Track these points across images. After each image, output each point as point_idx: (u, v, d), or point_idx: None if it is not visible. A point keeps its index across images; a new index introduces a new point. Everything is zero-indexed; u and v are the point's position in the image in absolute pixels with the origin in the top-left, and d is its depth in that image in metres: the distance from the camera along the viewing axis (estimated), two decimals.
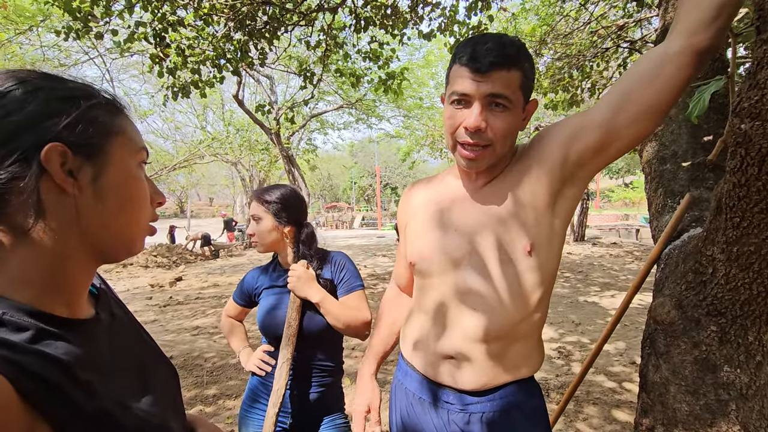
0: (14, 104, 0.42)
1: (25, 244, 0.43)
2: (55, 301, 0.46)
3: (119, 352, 0.52)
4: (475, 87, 0.77)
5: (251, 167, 15.81)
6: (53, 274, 0.45)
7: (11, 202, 0.42)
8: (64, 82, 0.47)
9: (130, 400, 0.48)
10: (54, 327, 0.44)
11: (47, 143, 0.42)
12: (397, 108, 13.36)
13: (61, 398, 0.40)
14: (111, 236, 0.49)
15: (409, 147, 15.37)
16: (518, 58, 0.78)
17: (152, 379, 0.55)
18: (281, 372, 1.19)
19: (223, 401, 2.96)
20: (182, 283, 8.23)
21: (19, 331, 0.41)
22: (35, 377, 0.39)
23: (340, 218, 28.80)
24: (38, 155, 0.42)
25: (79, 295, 0.50)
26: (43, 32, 6.79)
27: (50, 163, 0.43)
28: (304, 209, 1.36)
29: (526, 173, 0.85)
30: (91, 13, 3.48)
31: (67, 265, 0.47)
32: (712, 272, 0.89)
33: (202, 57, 4.30)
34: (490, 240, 0.85)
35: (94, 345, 0.48)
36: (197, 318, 5.37)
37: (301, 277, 1.23)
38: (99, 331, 0.51)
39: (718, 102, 1.29)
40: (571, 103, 5.48)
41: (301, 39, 5.48)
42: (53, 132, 0.43)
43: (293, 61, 8.33)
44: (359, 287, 1.31)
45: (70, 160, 0.44)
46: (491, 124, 0.79)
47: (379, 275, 8.36)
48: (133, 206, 0.51)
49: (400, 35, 4.56)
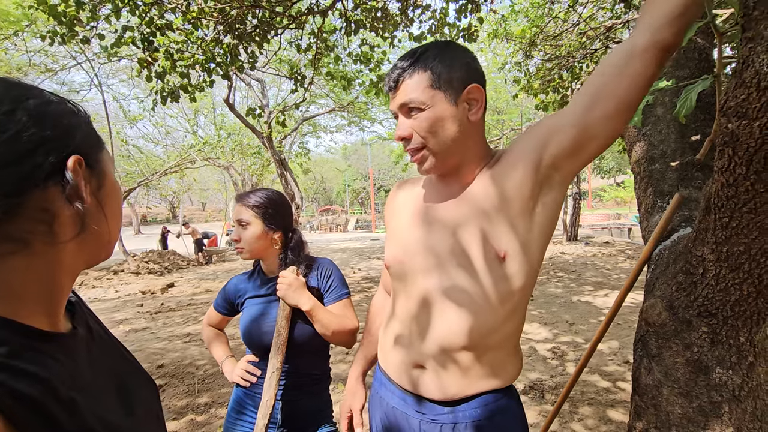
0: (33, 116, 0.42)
1: (19, 256, 0.41)
2: (36, 314, 0.44)
3: (99, 368, 0.50)
4: (392, 104, 0.85)
5: (243, 171, 15.71)
6: (42, 285, 0.44)
7: (21, 216, 0.41)
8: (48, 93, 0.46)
9: (113, 418, 0.46)
10: (34, 341, 0.41)
11: (68, 156, 0.43)
12: (389, 110, 13.33)
13: (42, 417, 0.38)
14: (103, 242, 0.50)
15: (402, 149, 15.38)
16: (420, 60, 0.81)
17: (134, 396, 0.53)
18: (270, 382, 1.16)
19: (215, 410, 2.91)
20: (174, 289, 8.14)
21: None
22: (15, 394, 0.36)
23: (334, 221, 28.73)
24: (62, 168, 0.43)
25: (61, 306, 0.48)
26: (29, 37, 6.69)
27: (75, 175, 0.44)
28: (291, 214, 1.33)
29: (501, 177, 0.82)
30: (76, 18, 3.43)
31: (59, 275, 0.46)
32: (703, 273, 0.88)
33: (192, 61, 4.27)
34: (460, 246, 0.82)
35: (74, 360, 0.46)
36: (189, 325, 5.30)
37: (291, 284, 1.20)
38: (78, 346, 0.49)
39: (705, 101, 1.29)
40: (562, 104, 5.51)
41: (291, 42, 5.46)
42: (71, 143, 0.44)
43: (284, 65, 8.29)
44: (346, 295, 1.29)
45: (84, 170, 0.46)
46: (415, 127, 0.82)
47: (373, 278, 8.33)
48: (119, 215, 0.53)
49: (391, 38, 4.56)
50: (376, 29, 4.51)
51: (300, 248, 1.31)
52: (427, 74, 0.80)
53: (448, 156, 0.83)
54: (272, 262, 1.30)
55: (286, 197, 1.34)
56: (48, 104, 0.44)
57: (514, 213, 0.80)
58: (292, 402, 1.24)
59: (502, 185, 0.81)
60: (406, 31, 4.53)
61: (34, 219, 0.41)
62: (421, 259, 0.86)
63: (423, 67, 0.81)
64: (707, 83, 0.96)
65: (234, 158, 14.44)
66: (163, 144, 14.83)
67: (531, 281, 0.83)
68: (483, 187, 0.84)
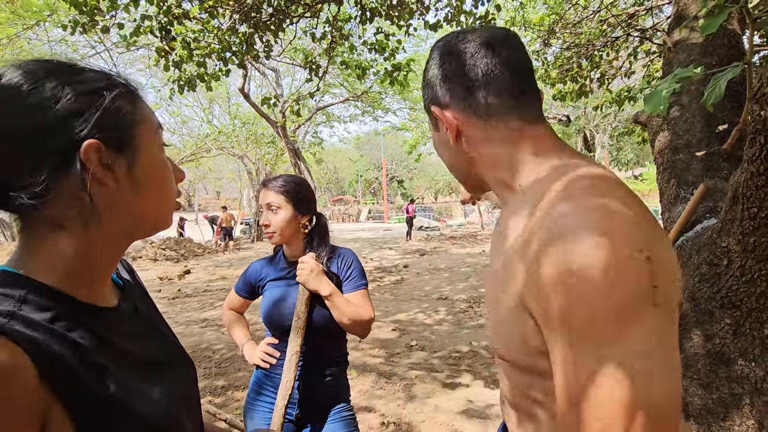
0: (44, 102, 0.42)
1: (59, 235, 0.45)
2: (79, 287, 0.47)
3: (137, 345, 0.53)
4: None
5: (257, 160, 15.84)
6: (81, 262, 0.47)
7: (50, 199, 0.43)
8: (83, 72, 0.47)
9: (143, 391, 0.49)
10: (74, 311, 0.45)
11: (83, 140, 0.43)
12: (403, 100, 13.27)
13: (74, 380, 0.41)
14: (144, 219, 0.51)
15: (415, 140, 15.31)
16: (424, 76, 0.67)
17: (168, 375, 0.55)
18: (290, 365, 1.19)
19: (232, 392, 2.99)
20: (190, 275, 8.32)
21: (40, 310, 0.42)
22: (53, 356, 0.40)
23: (346, 211, 28.84)
24: (76, 153, 0.43)
25: (103, 282, 0.51)
26: (50, 27, 6.81)
27: (89, 161, 0.44)
28: (315, 199, 1.36)
29: (516, 240, 0.52)
30: (97, 7, 3.48)
31: (96, 254, 0.48)
32: (727, 264, 0.87)
33: (208, 50, 4.30)
34: (492, 296, 0.58)
35: (111, 333, 0.49)
36: (205, 310, 5.42)
37: (313, 269, 1.22)
38: (118, 321, 0.52)
39: (734, 90, 1.25)
40: (580, 94, 5.40)
41: (306, 31, 5.44)
42: (86, 128, 0.44)
43: (299, 54, 8.29)
44: (363, 286, 1.30)
45: (104, 154, 0.45)
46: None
47: (386, 268, 8.37)
48: (163, 188, 0.53)
49: (406, 26, 4.50)
50: (392, 17, 4.46)
51: (325, 233, 1.33)
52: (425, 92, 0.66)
53: (466, 181, 0.68)
54: (297, 247, 1.32)
55: (309, 183, 1.36)
56: (68, 85, 0.44)
57: (509, 300, 0.52)
58: (310, 384, 1.27)
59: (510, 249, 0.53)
60: (422, 20, 4.47)
61: (63, 204, 0.44)
62: (487, 293, 0.65)
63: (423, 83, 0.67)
64: (738, 70, 0.93)
65: (248, 147, 14.57)
66: (180, 133, 15.03)
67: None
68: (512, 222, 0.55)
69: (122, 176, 0.47)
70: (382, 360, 3.47)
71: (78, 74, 0.46)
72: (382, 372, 3.20)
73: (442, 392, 2.86)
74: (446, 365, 3.33)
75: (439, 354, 3.57)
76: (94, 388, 0.43)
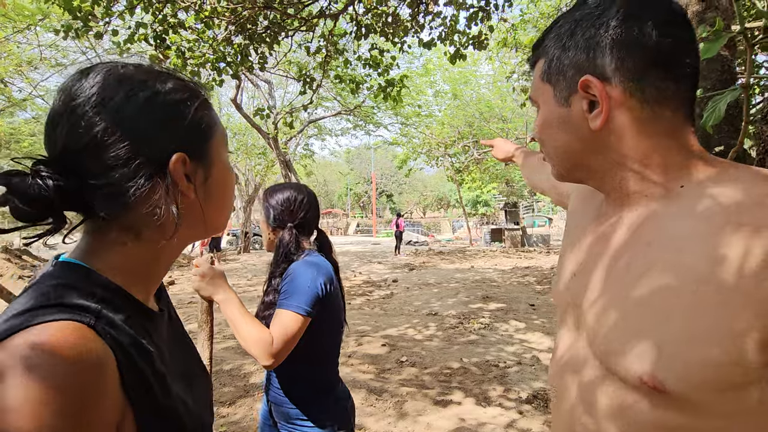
0: (137, 113, 0.42)
1: (134, 242, 0.45)
2: (140, 293, 0.46)
3: (176, 353, 0.52)
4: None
5: (247, 171, 15.74)
6: (147, 266, 0.47)
7: (130, 207, 0.43)
8: (170, 79, 0.46)
9: (184, 397, 0.48)
10: (139, 314, 0.45)
11: (173, 152, 0.44)
12: (395, 115, 13.41)
13: (144, 388, 0.41)
14: (208, 226, 0.51)
15: (406, 155, 15.42)
16: (540, 44, 0.57)
17: (195, 381, 0.55)
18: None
19: (217, 408, 2.89)
20: (175, 287, 8.12)
21: (117, 311, 0.41)
22: (131, 361, 0.40)
23: (335, 224, 28.74)
24: (164, 165, 0.43)
25: (155, 287, 0.51)
26: (42, 31, 6.74)
27: (176, 173, 0.44)
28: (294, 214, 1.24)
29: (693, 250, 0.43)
30: (91, 13, 3.45)
31: (161, 260, 0.48)
32: None
33: (202, 60, 4.29)
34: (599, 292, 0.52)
35: (160, 338, 0.48)
36: (190, 323, 5.28)
37: (205, 274, 1.09)
38: (163, 326, 0.51)
39: (728, 113, 1.29)
40: None
41: (301, 44, 5.49)
42: (174, 140, 0.45)
43: (293, 66, 8.34)
44: (290, 307, 1.05)
45: (188, 166, 0.45)
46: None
47: (374, 282, 8.31)
48: (227, 195, 0.53)
49: (401, 43, 4.58)
50: (386, 34, 4.53)
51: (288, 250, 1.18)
52: (541, 62, 0.56)
53: (570, 170, 0.57)
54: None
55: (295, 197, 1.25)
56: (157, 96, 0.44)
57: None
58: (277, 405, 1.19)
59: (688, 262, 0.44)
60: (416, 37, 4.55)
61: (143, 213, 0.44)
62: (571, 299, 0.58)
63: (539, 53, 0.57)
64: (737, 94, 0.96)
65: (238, 158, 14.47)
66: None
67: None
68: (652, 238, 0.48)
69: (199, 187, 0.47)
70: (372, 376, 3.41)
71: (166, 82, 0.46)
72: (372, 388, 3.13)
73: (434, 410, 2.80)
74: (437, 382, 3.28)
75: (429, 370, 3.52)
76: (158, 398, 0.42)
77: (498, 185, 21.50)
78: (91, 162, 0.41)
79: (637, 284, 0.46)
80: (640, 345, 0.44)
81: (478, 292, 6.88)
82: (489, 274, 9.14)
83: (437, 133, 14.29)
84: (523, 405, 2.86)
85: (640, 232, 0.49)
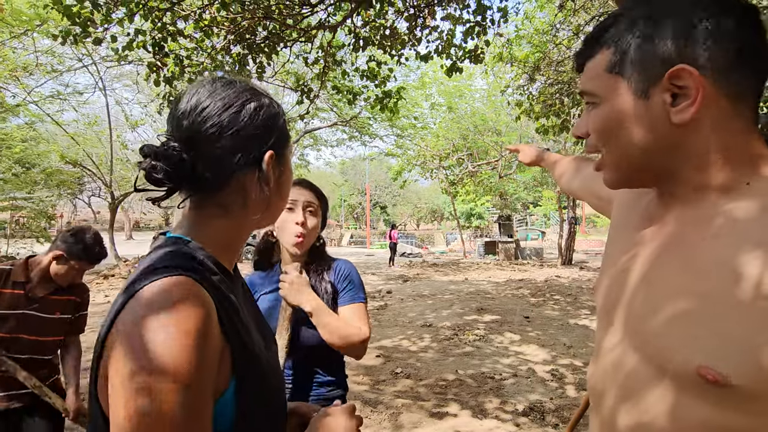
0: (248, 118, 0.56)
1: (224, 218, 0.57)
2: (227, 260, 0.59)
3: (250, 313, 0.63)
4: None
5: None
6: (232, 239, 0.60)
7: (228, 190, 0.56)
8: (267, 96, 0.60)
9: (261, 347, 0.58)
10: (227, 277, 0.57)
11: (266, 150, 0.57)
12: (390, 127, 13.51)
13: (235, 331, 0.51)
14: (272, 214, 0.63)
15: (401, 166, 15.49)
16: (603, 34, 0.54)
17: (268, 334, 0.66)
18: None
19: None
20: None
21: (212, 273, 0.53)
22: (225, 308, 0.51)
23: (328, 235, 28.63)
24: (260, 159, 0.57)
25: (235, 258, 0.63)
26: (39, 37, 6.72)
27: (267, 166, 0.57)
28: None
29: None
30: (90, 19, 3.45)
31: (242, 234, 0.61)
32: None
33: (200, 68, 4.30)
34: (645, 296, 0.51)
35: (241, 301, 0.59)
36: None
37: (294, 282, 1.12)
38: (241, 292, 0.62)
39: None
40: (562, 128, 5.60)
41: (299, 55, 5.52)
42: (269, 141, 0.58)
43: (291, 77, 8.39)
44: (360, 299, 1.20)
45: (274, 163, 0.58)
46: (589, 126, 0.57)
47: (369, 293, 8.24)
48: (287, 192, 0.65)
49: (398, 56, 4.63)
50: (384, 47, 4.58)
51: (324, 246, 1.28)
52: (605, 52, 0.53)
53: (633, 171, 0.55)
54: (300, 257, 1.22)
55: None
56: (261, 108, 0.57)
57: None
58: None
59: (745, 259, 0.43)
60: (414, 50, 4.61)
61: (235, 193, 0.57)
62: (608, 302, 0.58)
63: (603, 42, 0.54)
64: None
65: None
66: None
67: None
68: (718, 237, 0.47)
69: (275, 181, 0.59)
70: (366, 387, 3.36)
71: (265, 98, 0.59)
72: (367, 400, 3.08)
73: (430, 422, 2.76)
74: (433, 394, 3.24)
75: (425, 382, 3.48)
76: (247, 343, 0.53)
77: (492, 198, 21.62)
78: (208, 147, 0.54)
79: (701, 277, 0.45)
80: (701, 338, 0.43)
81: (473, 304, 6.86)
82: (483, 286, 9.13)
83: (432, 146, 14.39)
84: (520, 417, 2.83)
85: (705, 227, 0.48)
